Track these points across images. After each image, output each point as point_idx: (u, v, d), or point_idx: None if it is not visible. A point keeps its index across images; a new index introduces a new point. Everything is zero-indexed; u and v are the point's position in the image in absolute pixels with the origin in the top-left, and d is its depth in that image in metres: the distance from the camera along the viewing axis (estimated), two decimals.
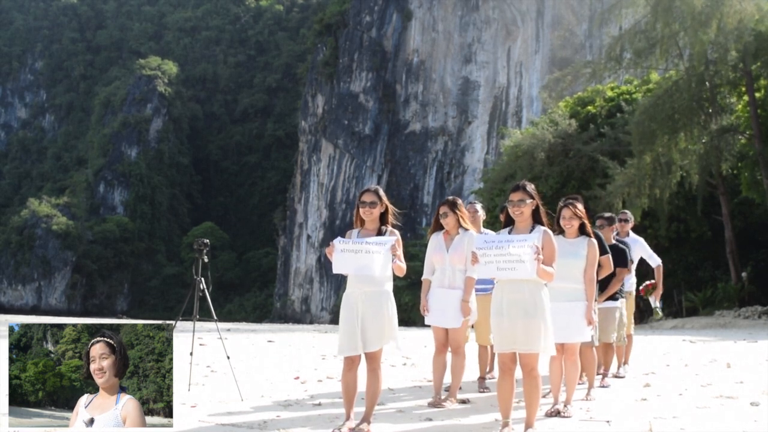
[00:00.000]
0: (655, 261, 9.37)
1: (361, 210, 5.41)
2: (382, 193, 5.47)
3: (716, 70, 26.29)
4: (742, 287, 25.65)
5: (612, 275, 7.42)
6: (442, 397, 6.58)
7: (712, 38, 25.05)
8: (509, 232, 5.17)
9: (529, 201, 5.04)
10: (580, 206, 6.28)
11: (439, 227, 6.69)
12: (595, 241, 6.24)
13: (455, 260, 6.50)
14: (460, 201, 6.70)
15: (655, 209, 27.28)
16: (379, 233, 5.38)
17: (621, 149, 28.91)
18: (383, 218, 5.46)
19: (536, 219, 5.14)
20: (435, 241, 6.64)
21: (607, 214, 8.41)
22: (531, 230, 5.08)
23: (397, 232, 5.44)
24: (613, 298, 7.76)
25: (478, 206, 7.93)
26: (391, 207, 5.50)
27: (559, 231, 6.26)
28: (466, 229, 6.58)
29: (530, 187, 5.13)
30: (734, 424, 5.58)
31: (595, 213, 9.66)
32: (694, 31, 25.13)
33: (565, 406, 6.04)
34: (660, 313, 8.21)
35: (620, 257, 7.76)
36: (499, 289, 5.13)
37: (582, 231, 6.27)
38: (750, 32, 24.85)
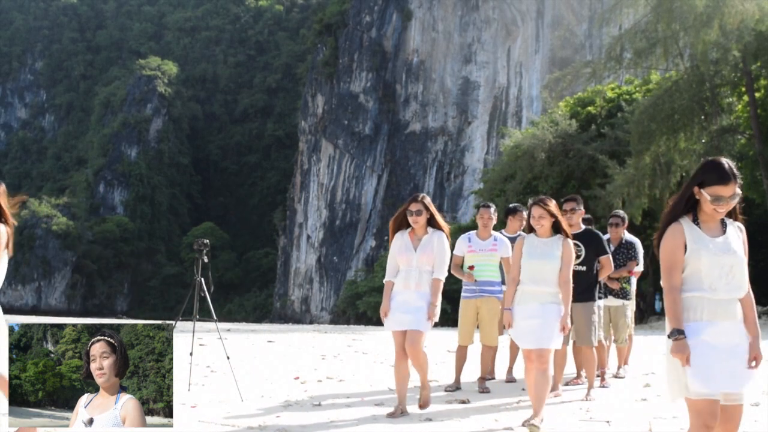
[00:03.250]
0: (638, 267, 9.30)
1: None
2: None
3: (716, 70, 26.30)
4: None
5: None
6: (399, 409, 6.09)
7: (714, 38, 25.06)
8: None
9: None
10: (552, 203, 5.70)
11: (404, 225, 6.14)
12: (570, 240, 5.72)
13: (423, 261, 5.97)
14: (429, 199, 6.17)
15: (654, 209, 27.30)
16: None
17: (621, 149, 28.92)
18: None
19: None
20: (401, 240, 6.10)
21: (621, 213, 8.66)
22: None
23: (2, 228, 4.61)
24: (592, 298, 7.31)
25: (492, 210, 7.77)
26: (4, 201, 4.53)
27: (530, 230, 5.88)
28: (436, 229, 6.07)
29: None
30: None
31: (595, 213, 9.69)
32: (696, 31, 25.13)
33: (531, 418, 5.46)
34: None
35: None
36: None
37: (556, 230, 5.75)
38: (750, 32, 24.87)
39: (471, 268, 7.62)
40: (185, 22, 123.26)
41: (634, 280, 9.06)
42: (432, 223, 6.07)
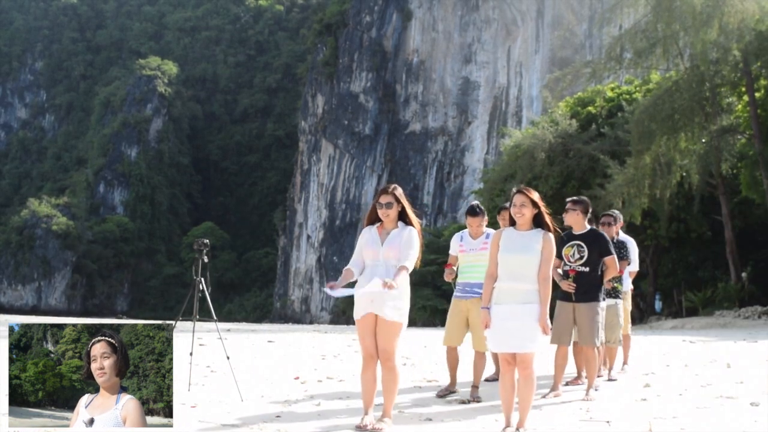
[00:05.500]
0: (633, 266, 9.25)
1: None
2: None
3: (716, 70, 26.30)
4: (742, 287, 25.65)
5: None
6: (368, 421, 5.40)
7: (714, 38, 25.06)
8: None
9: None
10: (534, 193, 5.30)
11: (375, 220, 5.65)
12: (551, 235, 5.25)
13: (389, 254, 5.45)
14: (401, 190, 5.68)
15: (654, 209, 27.30)
16: None
17: (621, 149, 28.93)
18: None
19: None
20: (368, 234, 5.59)
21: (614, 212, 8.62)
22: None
23: None
24: (595, 298, 7.13)
25: (480, 217, 7.32)
26: None
27: (511, 222, 5.50)
28: (407, 224, 5.56)
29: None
30: (734, 424, 5.58)
31: (596, 213, 9.67)
32: (696, 31, 25.13)
33: (517, 429, 5.09)
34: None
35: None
36: None
37: (537, 222, 5.29)
38: (750, 32, 24.86)
39: (448, 266, 7.47)
40: (185, 22, 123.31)
41: (629, 280, 9.07)
42: (403, 218, 5.57)
